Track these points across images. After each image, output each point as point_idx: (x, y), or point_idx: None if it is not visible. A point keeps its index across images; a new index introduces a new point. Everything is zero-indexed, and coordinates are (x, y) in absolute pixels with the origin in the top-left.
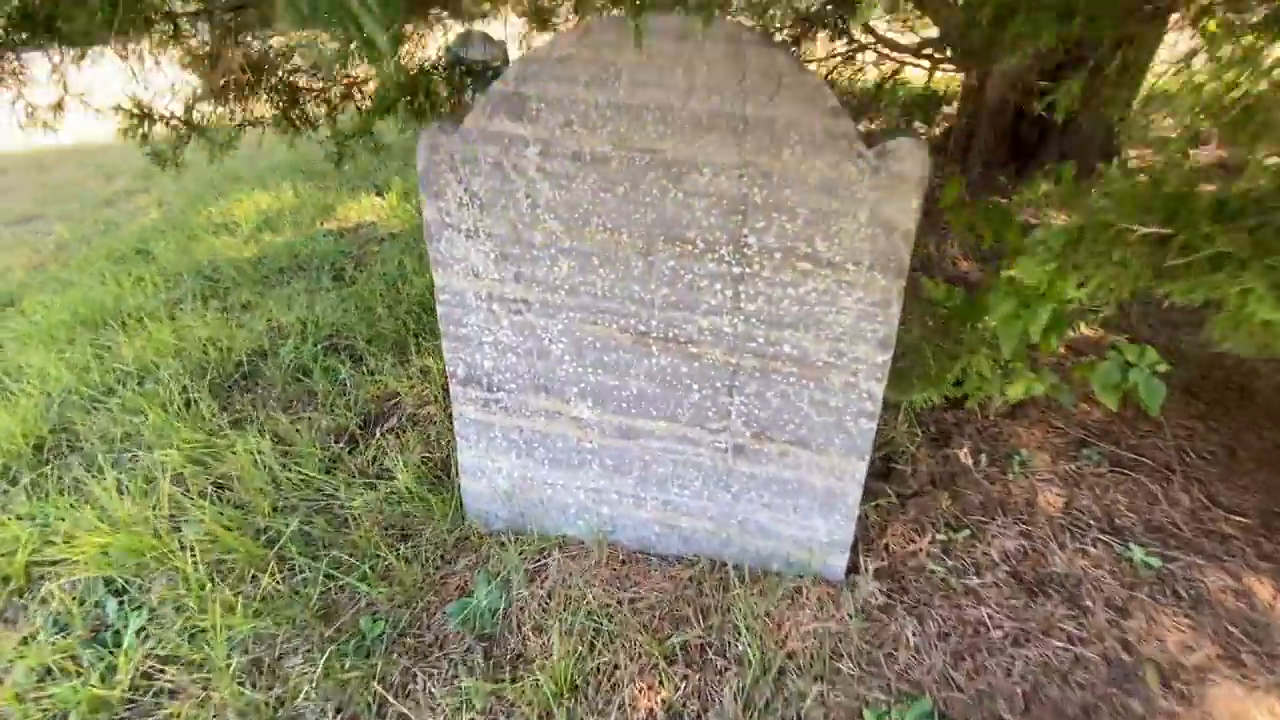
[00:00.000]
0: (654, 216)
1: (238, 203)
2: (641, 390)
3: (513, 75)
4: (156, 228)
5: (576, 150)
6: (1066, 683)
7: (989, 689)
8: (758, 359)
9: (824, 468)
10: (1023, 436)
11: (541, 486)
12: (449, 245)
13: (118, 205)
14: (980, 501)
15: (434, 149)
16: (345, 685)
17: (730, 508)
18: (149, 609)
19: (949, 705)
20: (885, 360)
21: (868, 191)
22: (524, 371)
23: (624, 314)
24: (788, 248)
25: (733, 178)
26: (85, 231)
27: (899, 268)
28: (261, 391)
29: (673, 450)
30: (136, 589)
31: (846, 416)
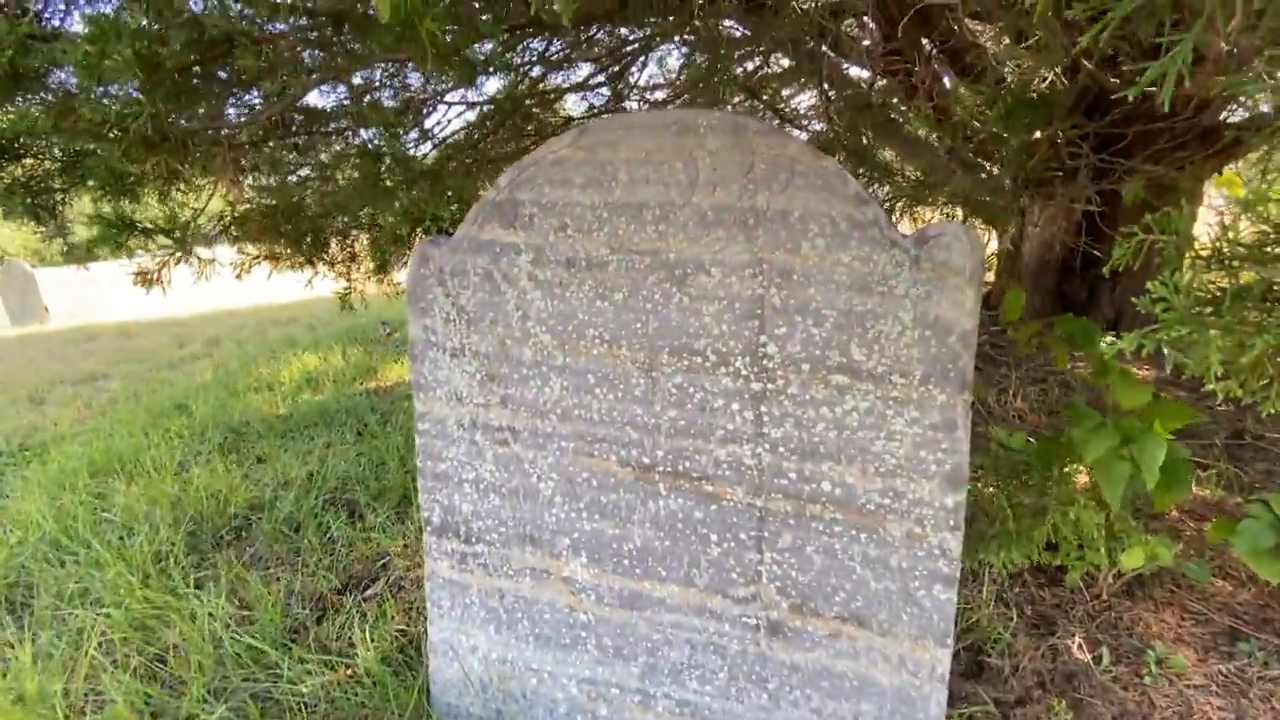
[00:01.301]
0: (657, 325)
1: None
2: (647, 543)
3: (505, 181)
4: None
5: (571, 256)
6: None
7: None
8: (790, 501)
9: (891, 657)
10: (1151, 624)
11: (524, 674)
12: (432, 367)
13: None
14: (1114, 716)
15: (423, 262)
16: None
17: (768, 713)
18: None
19: None
20: (958, 503)
21: (908, 287)
22: (508, 517)
23: (624, 443)
24: (816, 357)
25: (745, 278)
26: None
27: (961, 380)
28: (245, 548)
29: (688, 627)
30: None
31: (914, 581)
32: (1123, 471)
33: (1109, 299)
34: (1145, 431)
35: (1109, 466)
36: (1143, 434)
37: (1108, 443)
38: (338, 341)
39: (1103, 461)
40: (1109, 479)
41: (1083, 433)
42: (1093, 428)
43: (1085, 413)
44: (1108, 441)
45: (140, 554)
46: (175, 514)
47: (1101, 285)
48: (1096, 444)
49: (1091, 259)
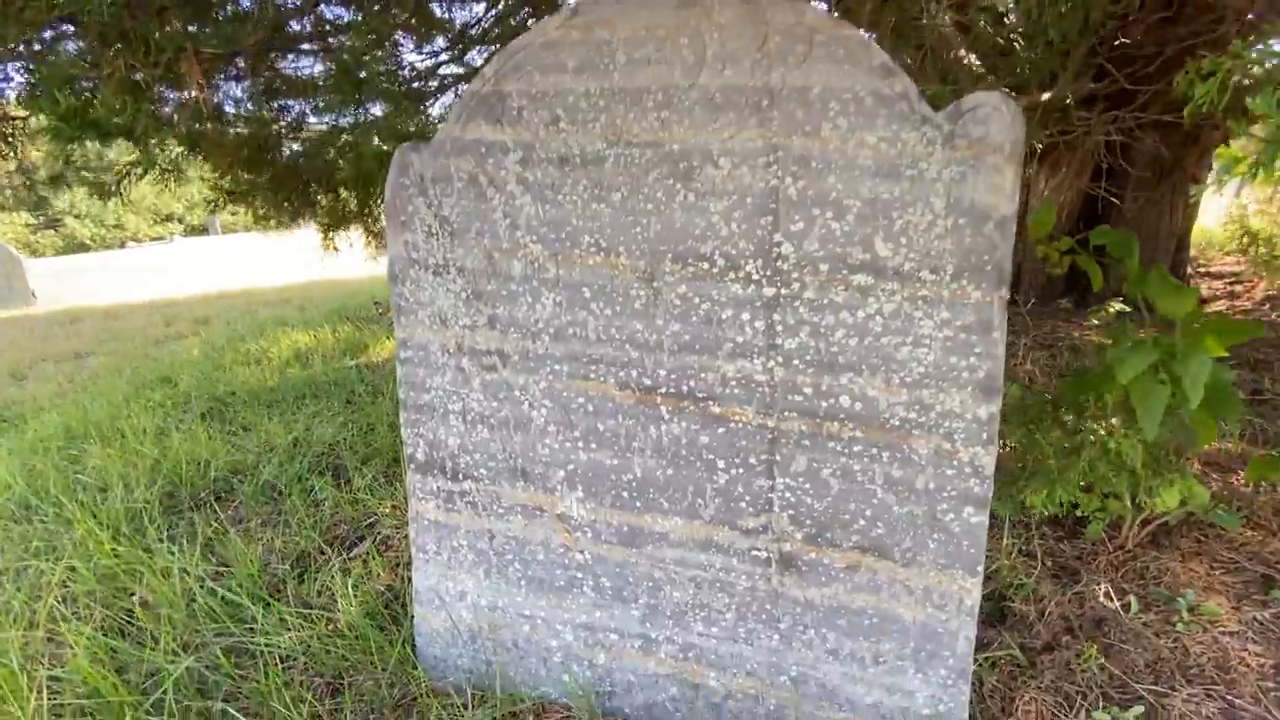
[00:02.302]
0: (659, 228)
1: (275, 341)
2: (648, 473)
3: (491, 72)
4: (190, 361)
5: (564, 153)
6: None
7: None
8: (806, 420)
9: (915, 590)
10: (1179, 573)
11: (516, 621)
12: (414, 287)
13: (166, 345)
14: (1147, 662)
15: (403, 170)
16: None
17: (779, 656)
18: None
19: None
20: (992, 414)
21: (941, 169)
22: (497, 450)
23: (623, 363)
24: (837, 255)
25: (758, 168)
26: (122, 366)
27: (998, 274)
28: (225, 509)
29: (693, 563)
30: None
31: (942, 504)
32: (1161, 395)
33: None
34: (1189, 346)
35: (1146, 389)
36: (1186, 349)
37: (1146, 360)
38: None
39: (1140, 383)
40: (1146, 403)
41: (1120, 351)
42: (1131, 345)
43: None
44: (1147, 359)
45: (112, 513)
46: (152, 476)
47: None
48: (1135, 362)
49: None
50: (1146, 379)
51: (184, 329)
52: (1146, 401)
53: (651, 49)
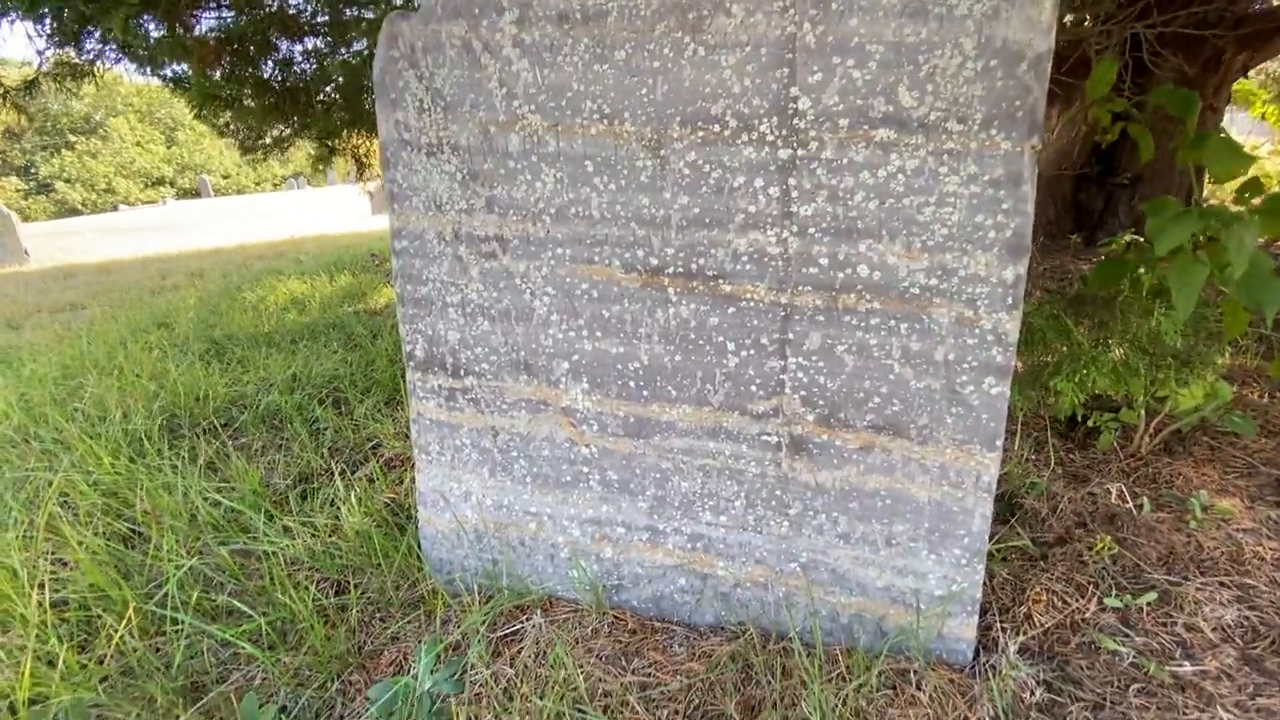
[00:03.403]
0: (666, 89)
1: (271, 290)
2: (655, 360)
3: None
4: (186, 307)
5: (563, 8)
6: None
7: None
8: (821, 294)
9: (930, 468)
10: (1192, 478)
11: (523, 519)
12: (407, 171)
13: (162, 296)
14: (1159, 555)
15: (392, 41)
16: None
17: (789, 542)
18: None
19: None
20: (1019, 276)
21: (971, 4)
22: (499, 344)
23: (629, 243)
24: (858, 109)
25: (773, 13)
26: (118, 314)
27: (1030, 121)
28: (227, 437)
29: (701, 452)
30: None
31: (962, 375)
32: (1199, 274)
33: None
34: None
35: (1184, 265)
36: (1233, 219)
37: (1188, 231)
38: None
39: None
40: (1183, 279)
41: (1160, 221)
42: (1173, 215)
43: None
44: (1188, 229)
45: (111, 437)
46: (151, 406)
47: (1119, 194)
48: (1175, 233)
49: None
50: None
51: (179, 281)
52: (1184, 277)
53: None
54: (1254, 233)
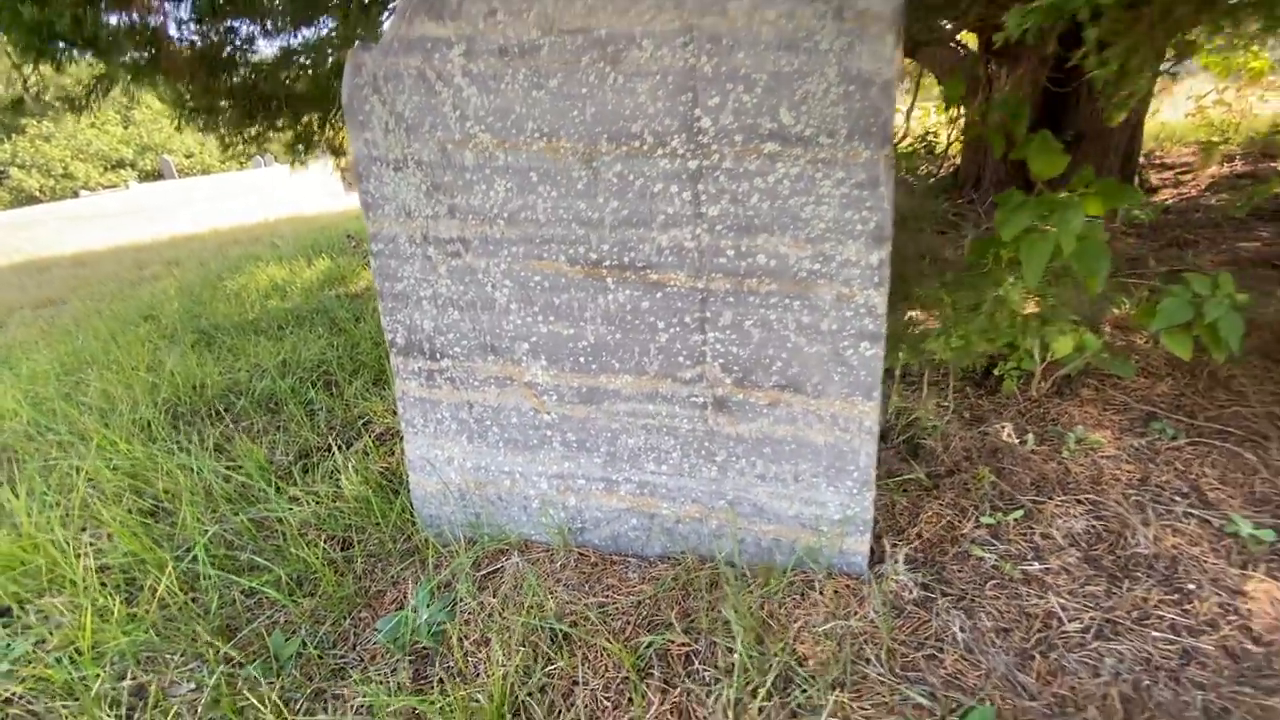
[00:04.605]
0: (594, 110)
1: (252, 277)
2: (600, 338)
3: None
4: (169, 299)
5: (503, 44)
6: (1178, 682)
7: (1072, 693)
8: (729, 279)
9: (825, 417)
10: (1075, 415)
11: (498, 477)
12: (378, 183)
13: (142, 287)
14: (1032, 480)
15: (357, 70)
16: (241, 714)
17: (717, 484)
18: (40, 628)
19: (1019, 714)
20: (882, 259)
21: (832, 40)
22: (468, 330)
23: (571, 240)
24: (749, 126)
25: (676, 48)
26: (101, 308)
27: (883, 134)
28: (228, 421)
29: (642, 413)
30: (33, 610)
31: (844, 341)
32: (1041, 248)
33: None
34: (1064, 203)
35: (1028, 244)
36: (1062, 205)
37: (1027, 219)
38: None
39: (1022, 239)
40: (1028, 255)
41: (1005, 211)
42: (1014, 206)
43: (1010, 195)
44: (1027, 218)
45: (122, 426)
46: (153, 397)
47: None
48: (1017, 221)
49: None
50: (1031, 234)
51: (157, 271)
52: (1029, 254)
53: None
54: (1079, 215)
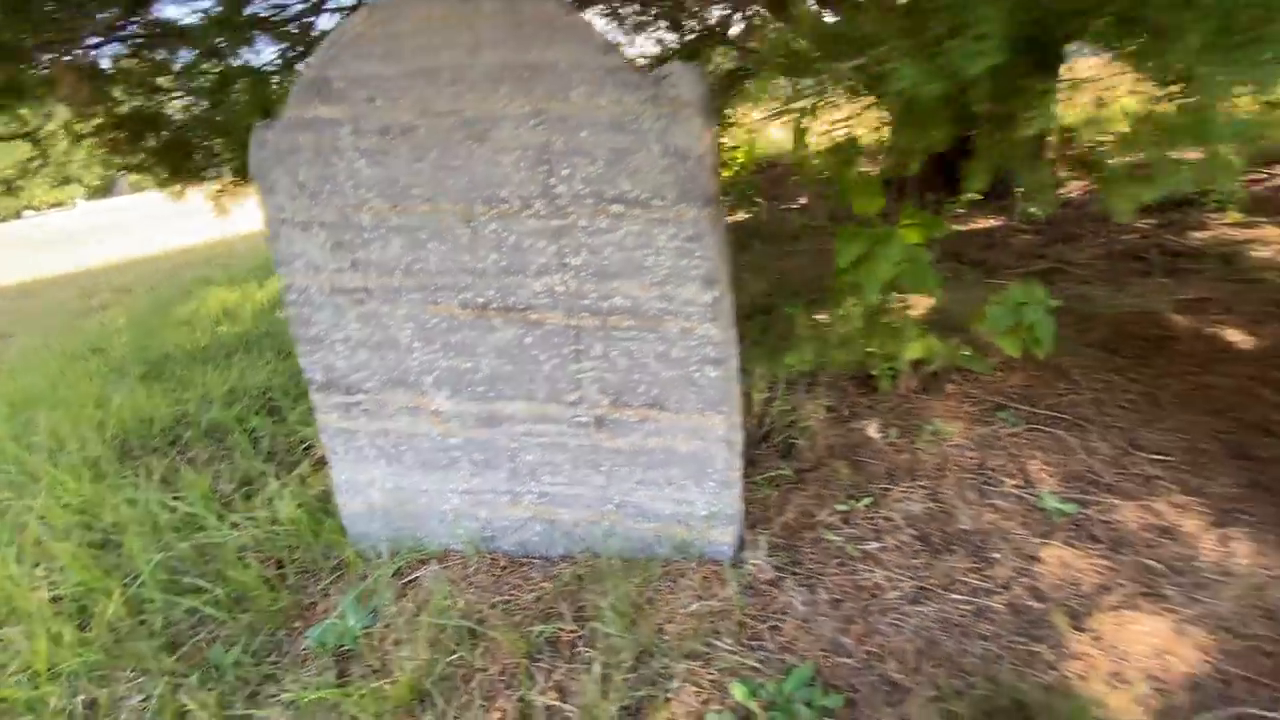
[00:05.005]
0: (468, 179)
1: (202, 302)
2: (493, 370)
3: (316, 61)
4: (118, 330)
5: (384, 124)
6: (966, 635)
7: (880, 650)
8: (596, 317)
9: (686, 429)
10: (937, 409)
11: (416, 495)
12: (287, 242)
13: (90, 318)
14: (886, 470)
15: (260, 145)
16: (183, 718)
17: (605, 491)
18: None
19: (834, 671)
20: (715, 298)
21: (652, 122)
22: (378, 367)
23: (460, 287)
24: (597, 191)
25: (531, 127)
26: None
27: (704, 196)
28: (175, 453)
29: (536, 433)
30: None
31: (692, 367)
32: (875, 271)
33: None
34: (886, 235)
35: (868, 268)
36: (884, 237)
37: (859, 248)
38: (254, 275)
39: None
40: (866, 278)
41: (841, 241)
42: (849, 237)
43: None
44: (859, 247)
45: (72, 464)
46: (101, 434)
47: None
48: (850, 249)
49: None
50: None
51: (106, 299)
52: (866, 277)
53: (438, 37)
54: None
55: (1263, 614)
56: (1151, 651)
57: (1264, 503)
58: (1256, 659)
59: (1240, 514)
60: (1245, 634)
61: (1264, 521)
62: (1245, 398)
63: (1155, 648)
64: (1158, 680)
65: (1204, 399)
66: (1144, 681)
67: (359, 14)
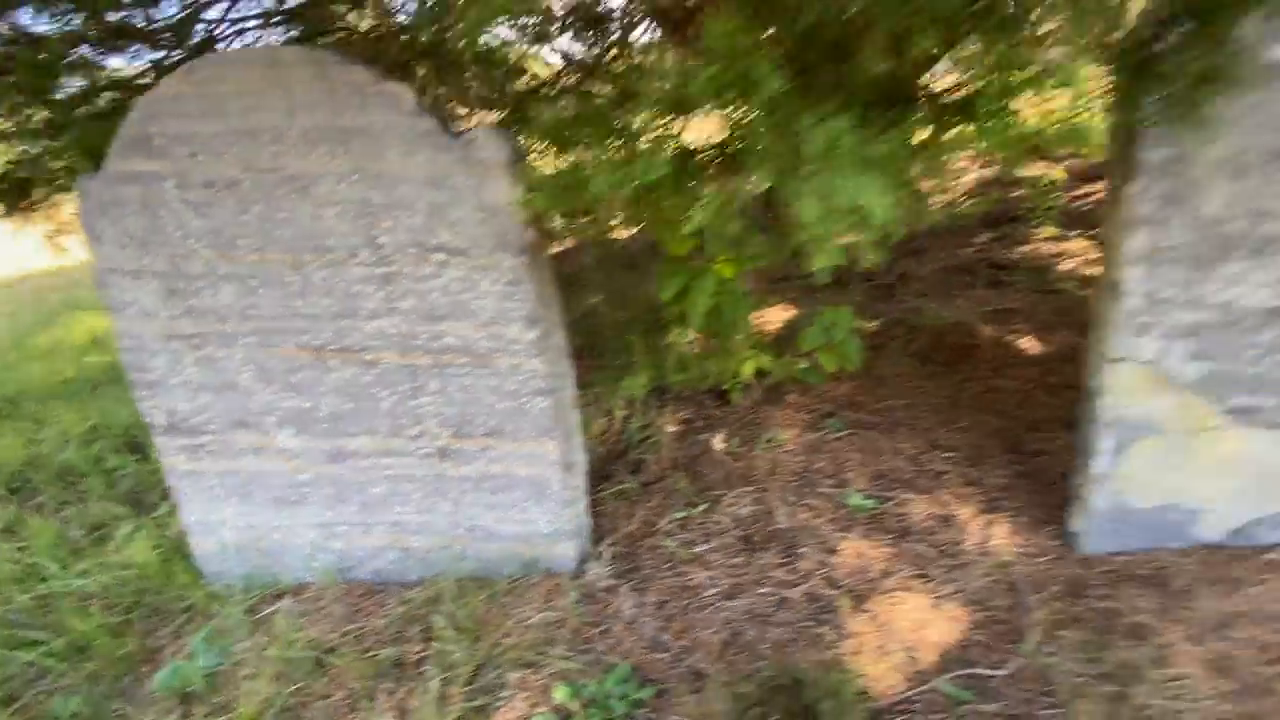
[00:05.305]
0: (295, 230)
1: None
2: (335, 408)
3: (135, 118)
4: None
5: (208, 178)
6: (766, 624)
7: (692, 644)
8: (429, 355)
9: (523, 456)
10: (777, 418)
11: (269, 532)
12: (119, 291)
13: None
14: (723, 477)
15: (85, 196)
16: None
17: (454, 516)
18: None
19: (651, 666)
20: (537, 336)
21: (465, 180)
22: (221, 409)
23: (296, 331)
24: (420, 242)
25: (352, 183)
26: None
27: (517, 246)
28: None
29: (383, 466)
30: None
31: (524, 399)
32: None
33: None
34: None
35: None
36: (700, 272)
37: (679, 283)
38: None
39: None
40: (689, 308)
41: (663, 276)
42: (670, 273)
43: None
44: (679, 282)
45: None
46: None
47: None
48: (671, 284)
49: None
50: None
51: None
52: (691, 305)
53: (256, 99)
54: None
55: (1005, 587)
56: (912, 626)
57: (1026, 490)
58: (993, 626)
59: (1005, 501)
60: (989, 605)
61: (1023, 506)
62: (1025, 398)
63: (916, 622)
64: (913, 650)
65: (993, 400)
66: (902, 652)
67: (177, 74)
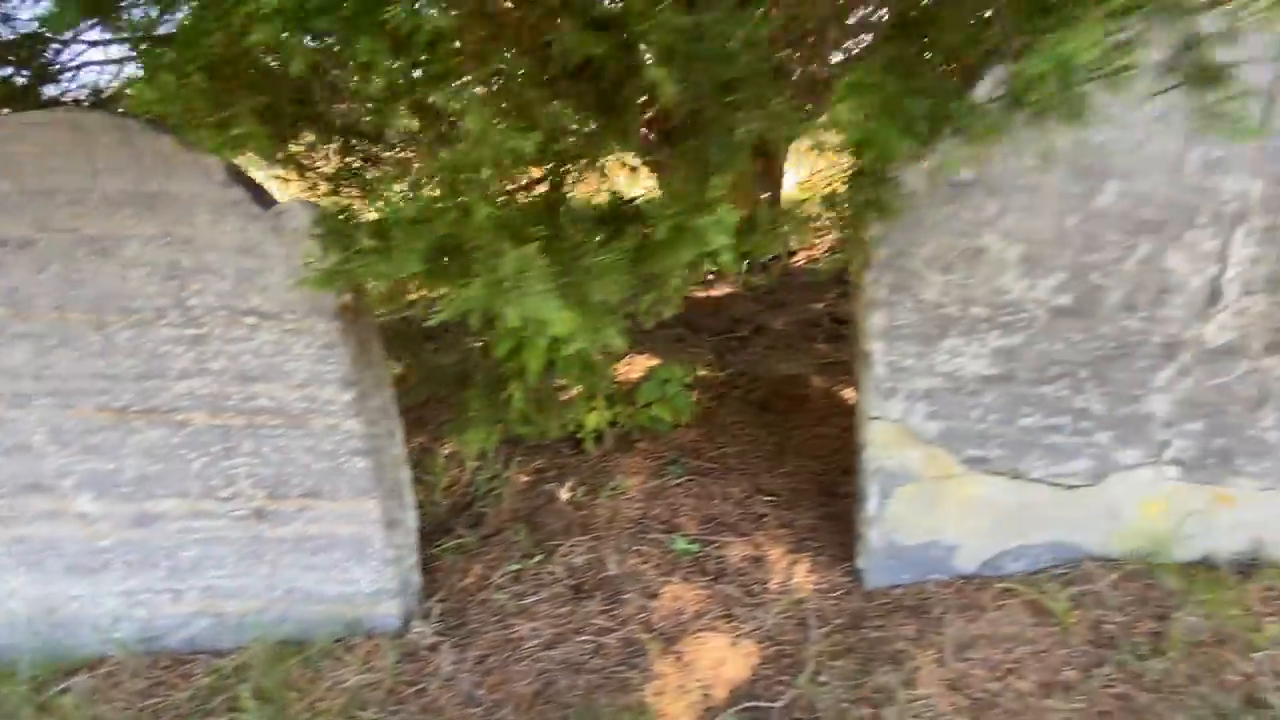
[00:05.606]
0: (97, 291)
1: None
2: (140, 470)
3: None
4: None
5: (2, 236)
6: (579, 672)
7: (505, 697)
8: (242, 416)
9: (343, 515)
10: (625, 465)
11: (66, 602)
12: None
13: None
14: (563, 527)
15: None
16: None
17: (271, 579)
18: None
19: None
20: (352, 398)
21: (276, 248)
22: (11, 472)
23: (97, 390)
24: (230, 305)
25: (160, 246)
26: None
27: (331, 312)
28: None
29: (194, 529)
30: None
31: (341, 459)
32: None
33: None
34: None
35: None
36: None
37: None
38: None
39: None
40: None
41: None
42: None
43: None
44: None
45: None
46: None
47: None
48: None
49: None
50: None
51: None
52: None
53: (57, 160)
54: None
55: (796, 623)
56: (712, 664)
57: (830, 531)
58: (780, 660)
59: (810, 541)
60: (780, 640)
61: (825, 545)
62: (842, 445)
63: (716, 660)
64: (708, 687)
65: (815, 447)
66: (698, 690)
67: None
